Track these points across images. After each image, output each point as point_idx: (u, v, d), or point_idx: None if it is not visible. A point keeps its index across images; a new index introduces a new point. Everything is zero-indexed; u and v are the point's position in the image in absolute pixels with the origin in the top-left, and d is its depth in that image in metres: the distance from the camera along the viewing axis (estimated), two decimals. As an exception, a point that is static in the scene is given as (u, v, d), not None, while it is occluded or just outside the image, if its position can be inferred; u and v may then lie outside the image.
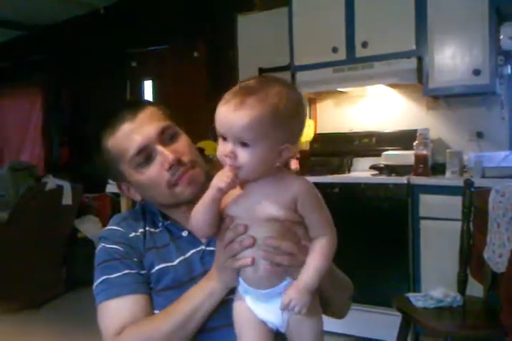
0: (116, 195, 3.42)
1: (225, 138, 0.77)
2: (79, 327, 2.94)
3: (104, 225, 1.05)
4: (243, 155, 0.75)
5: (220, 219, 0.83)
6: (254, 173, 0.78)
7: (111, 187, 3.06)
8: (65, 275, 3.71)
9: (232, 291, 0.87)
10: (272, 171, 0.80)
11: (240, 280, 0.84)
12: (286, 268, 0.81)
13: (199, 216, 0.81)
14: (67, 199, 3.52)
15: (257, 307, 0.83)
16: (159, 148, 0.94)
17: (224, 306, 0.88)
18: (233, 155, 0.76)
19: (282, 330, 0.84)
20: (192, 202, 0.97)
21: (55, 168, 4.80)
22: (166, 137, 0.96)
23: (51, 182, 3.49)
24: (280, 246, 0.79)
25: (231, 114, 0.75)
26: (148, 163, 0.95)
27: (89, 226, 3.78)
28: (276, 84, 0.78)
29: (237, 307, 0.85)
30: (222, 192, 0.77)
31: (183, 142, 0.99)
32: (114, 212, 1.00)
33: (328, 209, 0.83)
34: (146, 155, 0.94)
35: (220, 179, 0.76)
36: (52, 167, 5.01)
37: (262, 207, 0.79)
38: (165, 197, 0.97)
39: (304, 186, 0.80)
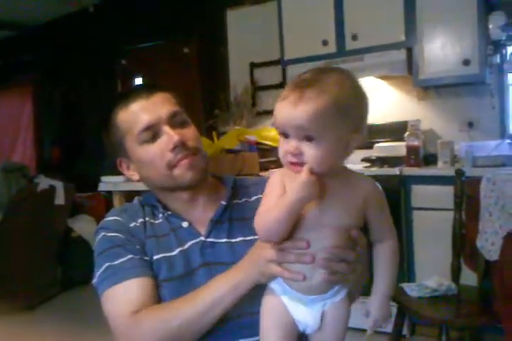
0: (109, 193, 3.41)
1: (286, 136, 0.74)
2: (75, 326, 2.93)
3: (99, 224, 1.04)
4: (309, 150, 0.72)
5: None
6: (322, 169, 0.74)
7: (103, 186, 3.03)
8: (61, 275, 3.70)
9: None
10: (340, 165, 0.77)
11: (281, 281, 0.80)
12: (342, 276, 0.79)
13: (279, 225, 0.74)
14: (59, 199, 3.50)
15: (295, 308, 0.80)
16: (167, 128, 0.95)
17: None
18: (298, 152, 0.73)
19: (309, 331, 0.82)
20: (191, 188, 0.98)
21: (46, 168, 4.77)
22: (175, 121, 0.97)
23: (43, 182, 3.47)
24: (342, 255, 0.77)
25: (292, 109, 0.72)
26: (153, 141, 0.96)
27: (83, 226, 3.76)
28: (332, 73, 0.76)
29: (269, 304, 0.81)
30: (307, 201, 0.73)
31: (191, 130, 1.00)
32: (108, 210, 1.00)
33: None
34: (152, 133, 0.95)
35: (304, 187, 0.71)
36: (44, 167, 4.98)
37: (333, 215, 0.76)
38: (162, 179, 0.97)
39: (372, 187, 0.79)
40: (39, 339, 2.89)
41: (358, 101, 0.76)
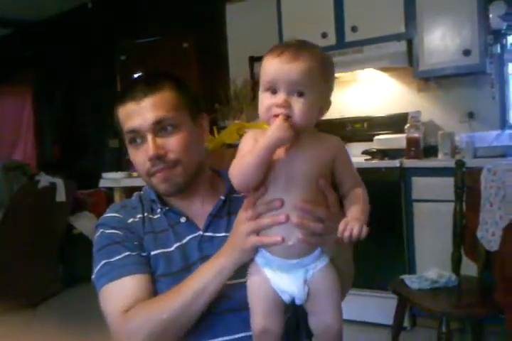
0: (110, 190, 3.41)
1: (274, 92, 0.79)
2: (77, 323, 2.93)
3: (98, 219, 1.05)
4: (298, 104, 0.78)
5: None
6: (305, 123, 0.79)
7: (104, 182, 3.04)
8: (62, 273, 3.71)
9: (239, 276, 0.86)
10: (312, 127, 0.83)
11: (263, 251, 0.83)
12: (319, 237, 0.81)
13: (253, 168, 0.78)
14: (60, 196, 3.50)
15: (278, 278, 0.82)
16: (149, 137, 0.94)
17: (230, 290, 0.87)
18: (288, 104, 0.78)
19: (298, 302, 0.83)
20: (170, 196, 1.00)
21: (47, 166, 4.78)
22: (161, 127, 0.95)
23: (44, 179, 3.47)
24: (315, 211, 0.79)
25: (288, 64, 0.78)
26: (140, 145, 0.96)
27: (84, 223, 3.76)
28: (314, 45, 0.85)
29: (254, 282, 0.83)
30: (282, 143, 0.77)
31: (177, 138, 0.95)
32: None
33: None
34: (138, 137, 0.96)
35: (280, 130, 0.76)
36: (45, 165, 4.99)
37: (303, 163, 0.80)
38: (145, 181, 1.01)
39: (340, 143, 0.85)
40: (41, 336, 2.89)
41: (332, 70, 0.86)
